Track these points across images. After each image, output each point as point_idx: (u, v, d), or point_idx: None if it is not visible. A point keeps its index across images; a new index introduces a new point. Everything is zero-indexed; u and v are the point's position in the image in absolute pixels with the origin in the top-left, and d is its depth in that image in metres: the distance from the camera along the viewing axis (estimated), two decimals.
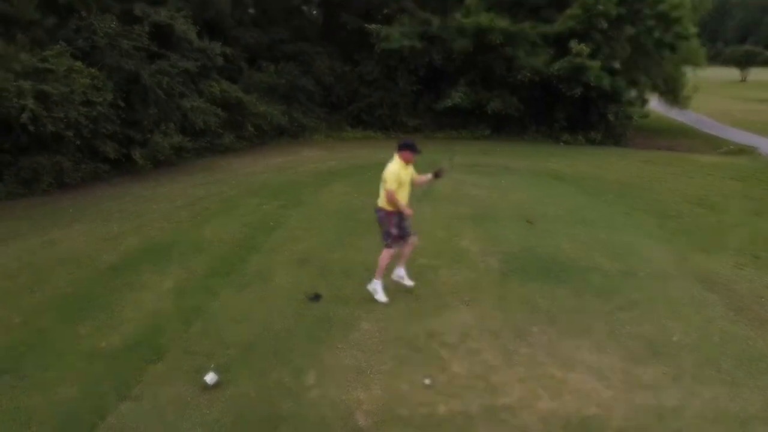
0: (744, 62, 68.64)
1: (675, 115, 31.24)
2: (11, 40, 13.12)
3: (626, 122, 23.49)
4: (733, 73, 70.08)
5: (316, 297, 6.74)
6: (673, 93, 27.39)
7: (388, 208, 6.44)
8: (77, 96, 13.36)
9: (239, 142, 18.87)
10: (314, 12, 26.05)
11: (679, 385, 4.95)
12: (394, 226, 6.49)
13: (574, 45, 20.32)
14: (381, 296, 6.67)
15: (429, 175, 6.64)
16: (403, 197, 6.44)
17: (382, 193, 6.44)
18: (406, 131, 23.93)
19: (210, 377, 5.02)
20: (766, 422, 4.43)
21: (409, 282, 6.97)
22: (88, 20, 14.03)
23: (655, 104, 31.41)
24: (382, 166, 6.50)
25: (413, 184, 6.62)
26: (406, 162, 6.43)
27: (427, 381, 4.99)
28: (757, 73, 67.51)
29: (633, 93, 23.40)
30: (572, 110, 22.83)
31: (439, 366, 5.26)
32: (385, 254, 6.61)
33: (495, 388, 4.89)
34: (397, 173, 6.33)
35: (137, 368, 5.31)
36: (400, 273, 6.98)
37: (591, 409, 4.59)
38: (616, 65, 21.55)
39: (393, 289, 6.90)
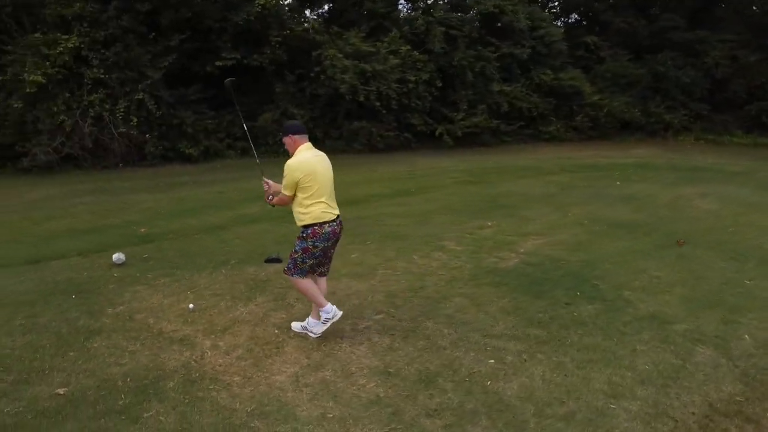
0: None
1: None
2: (353, 27, 16.47)
3: None
4: None
5: (273, 260, 6.30)
6: None
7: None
8: (393, 74, 15.74)
9: (568, 132, 18.04)
10: None
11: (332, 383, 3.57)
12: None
13: None
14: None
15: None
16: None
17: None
18: None
19: (116, 257, 6.23)
20: None
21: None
22: (419, 10, 16.11)
23: None
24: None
25: None
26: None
27: (191, 306, 5.07)
28: None
29: None
30: None
31: (224, 309, 5.04)
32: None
33: (210, 331, 4.59)
34: None
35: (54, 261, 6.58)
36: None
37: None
38: None
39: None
